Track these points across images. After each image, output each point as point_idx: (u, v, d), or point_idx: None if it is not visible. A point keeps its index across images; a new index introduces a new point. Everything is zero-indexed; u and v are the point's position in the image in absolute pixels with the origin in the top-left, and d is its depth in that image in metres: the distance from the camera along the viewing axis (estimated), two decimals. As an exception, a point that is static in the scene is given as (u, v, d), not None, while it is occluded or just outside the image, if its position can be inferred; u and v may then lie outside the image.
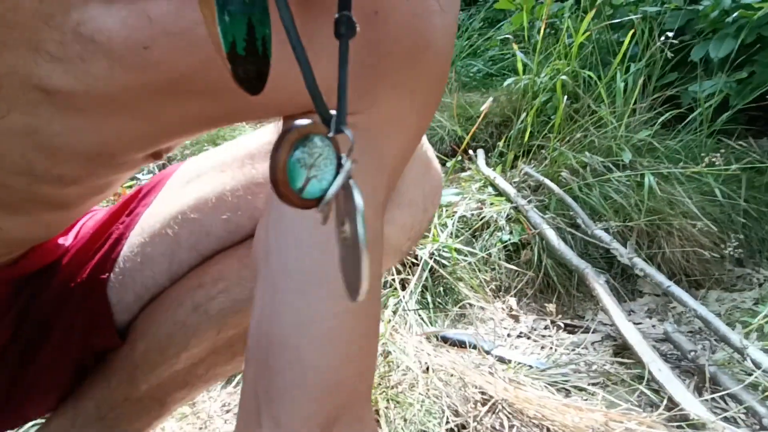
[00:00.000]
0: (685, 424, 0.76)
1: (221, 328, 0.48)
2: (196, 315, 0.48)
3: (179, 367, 0.50)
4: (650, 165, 1.47)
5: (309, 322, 0.35)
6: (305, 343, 0.35)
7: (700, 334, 1.13)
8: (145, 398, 0.52)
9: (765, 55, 1.55)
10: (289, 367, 0.35)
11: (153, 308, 0.50)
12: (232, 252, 0.49)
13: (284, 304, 0.35)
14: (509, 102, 1.91)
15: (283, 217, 0.36)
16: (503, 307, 1.28)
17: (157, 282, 0.50)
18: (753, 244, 1.41)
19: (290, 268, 0.35)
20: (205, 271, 0.49)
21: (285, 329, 0.35)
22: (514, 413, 0.78)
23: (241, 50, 0.24)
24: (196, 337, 0.48)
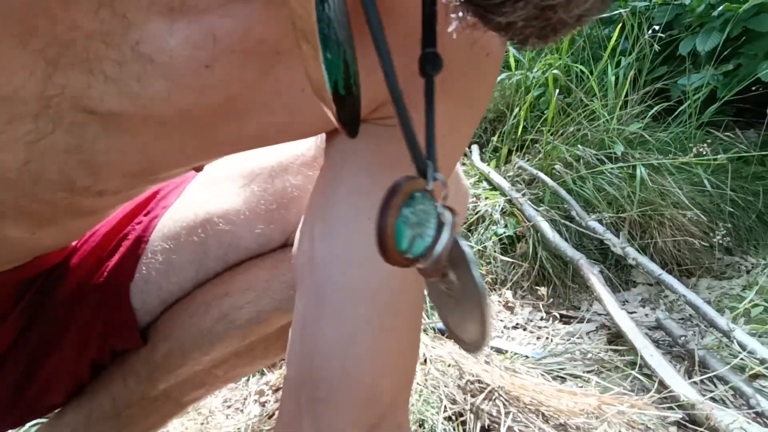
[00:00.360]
0: (675, 405, 0.79)
1: (246, 337, 0.48)
2: (223, 324, 0.48)
3: (199, 368, 0.51)
4: (642, 157, 1.50)
5: (355, 336, 0.35)
6: (350, 356, 0.35)
7: (690, 321, 1.16)
8: (161, 397, 0.53)
9: (751, 48, 1.58)
10: (333, 378, 0.35)
11: (177, 312, 0.50)
12: (260, 262, 0.49)
13: (330, 317, 0.35)
14: (502, 97, 1.93)
15: (332, 231, 0.35)
16: (499, 300, 1.31)
17: (182, 288, 0.50)
18: (741, 233, 1.44)
19: (337, 282, 0.35)
20: (233, 279, 0.49)
21: (330, 341, 0.35)
22: (510, 400, 0.81)
23: (341, 90, 0.22)
24: (221, 344, 0.48)
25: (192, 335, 0.49)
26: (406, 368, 0.39)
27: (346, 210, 0.35)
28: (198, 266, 0.49)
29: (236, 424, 0.96)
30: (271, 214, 0.48)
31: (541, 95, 1.79)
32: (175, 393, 0.53)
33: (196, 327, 0.49)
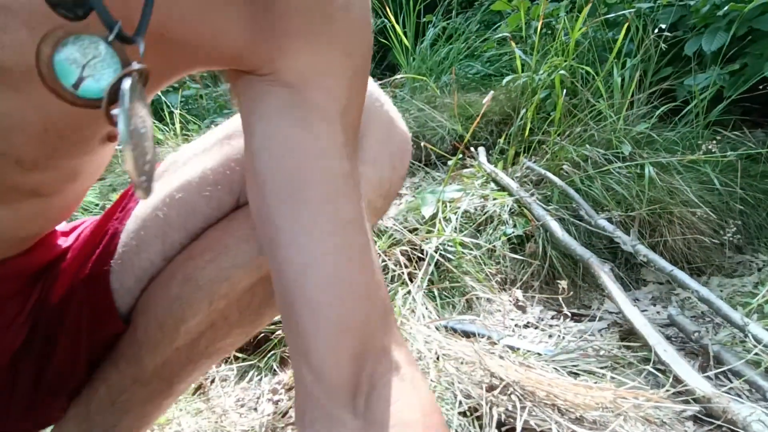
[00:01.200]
0: (692, 399, 0.78)
1: (212, 299, 0.50)
2: (188, 287, 0.50)
3: (180, 342, 0.52)
4: (649, 156, 1.50)
5: (310, 263, 0.38)
6: (310, 285, 0.37)
7: (702, 318, 1.16)
8: (153, 379, 0.54)
9: (756, 47, 1.59)
10: (303, 314, 0.37)
11: (150, 287, 0.52)
12: (217, 225, 0.52)
13: (286, 251, 0.38)
14: (508, 100, 1.95)
15: (263, 146, 0.39)
16: (510, 299, 1.31)
17: (153, 263, 0.52)
18: (751, 231, 1.44)
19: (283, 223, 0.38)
20: (194, 245, 0.51)
21: (287, 271, 0.38)
22: (525, 395, 0.81)
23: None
24: (190, 308, 0.50)
25: (163, 305, 0.51)
26: (369, 290, 0.40)
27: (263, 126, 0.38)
28: (163, 238, 0.52)
29: (250, 422, 0.96)
30: (216, 177, 0.50)
31: (547, 97, 1.80)
32: (164, 373, 0.54)
33: (166, 295, 0.51)
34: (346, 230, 0.39)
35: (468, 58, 2.61)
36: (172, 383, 0.55)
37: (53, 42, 0.27)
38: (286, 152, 0.38)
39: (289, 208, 0.38)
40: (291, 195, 0.38)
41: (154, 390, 0.55)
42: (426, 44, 2.67)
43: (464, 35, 2.68)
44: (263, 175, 0.39)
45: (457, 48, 2.59)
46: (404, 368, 0.39)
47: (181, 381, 0.56)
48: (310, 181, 0.38)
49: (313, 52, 0.38)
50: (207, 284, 0.49)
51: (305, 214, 0.38)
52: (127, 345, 0.54)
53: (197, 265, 0.50)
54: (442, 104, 2.11)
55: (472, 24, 2.80)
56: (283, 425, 0.91)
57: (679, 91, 1.74)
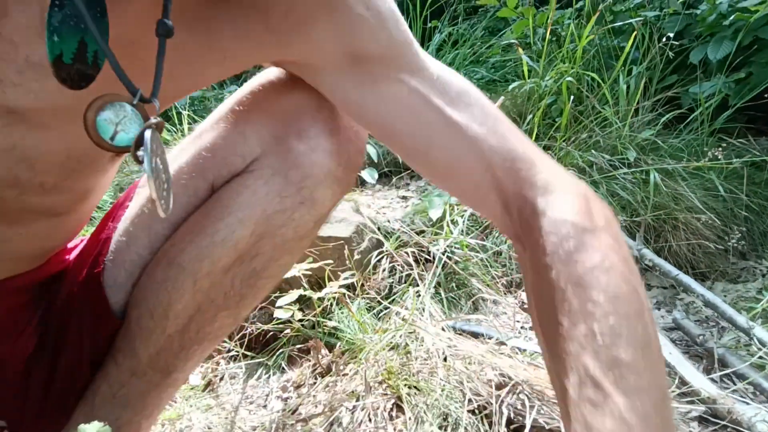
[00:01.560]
0: (697, 399, 0.79)
1: (196, 278, 0.53)
2: (172, 270, 0.53)
3: (171, 329, 0.54)
4: (654, 162, 1.52)
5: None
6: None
7: (707, 323, 1.17)
8: (148, 370, 0.56)
9: (762, 56, 1.61)
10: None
11: (140, 279, 0.56)
12: (194, 211, 0.55)
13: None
14: (514, 105, 1.96)
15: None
16: (516, 301, 1.32)
17: (141, 256, 0.56)
18: (755, 238, 1.45)
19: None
20: (175, 233, 0.55)
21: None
22: (534, 393, 0.82)
23: (68, 60, 0.36)
24: (176, 291, 0.53)
25: (152, 292, 0.54)
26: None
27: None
28: (149, 231, 0.55)
29: (260, 419, 0.97)
30: (190, 167, 0.54)
31: (553, 103, 1.82)
32: (159, 363, 0.56)
33: (153, 282, 0.54)
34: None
35: (473, 64, 2.63)
36: (168, 373, 0.57)
37: (96, 109, 0.38)
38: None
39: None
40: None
41: (151, 381, 0.57)
42: (432, 49, 2.70)
43: (470, 41, 2.71)
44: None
45: (463, 53, 2.62)
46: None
47: (177, 370, 0.58)
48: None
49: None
50: (189, 264, 0.52)
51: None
52: (123, 338, 0.56)
53: (178, 249, 0.53)
54: (449, 109, 2.13)
55: (478, 30, 2.83)
56: (293, 422, 0.92)
57: (685, 99, 1.76)
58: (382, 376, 0.91)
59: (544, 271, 0.40)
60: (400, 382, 0.90)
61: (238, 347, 1.12)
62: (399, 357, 0.95)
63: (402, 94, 0.48)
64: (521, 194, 0.45)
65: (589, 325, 0.36)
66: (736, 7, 1.61)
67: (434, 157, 0.50)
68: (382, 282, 1.19)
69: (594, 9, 1.82)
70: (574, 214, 0.41)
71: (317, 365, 1.02)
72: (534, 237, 0.42)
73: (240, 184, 0.52)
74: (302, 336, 1.10)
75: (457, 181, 0.51)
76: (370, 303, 1.15)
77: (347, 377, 0.95)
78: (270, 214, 0.51)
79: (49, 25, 0.36)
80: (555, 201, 0.43)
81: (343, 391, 0.91)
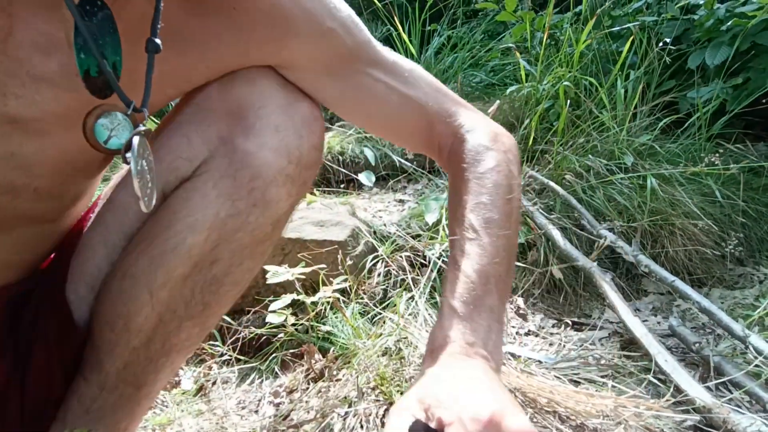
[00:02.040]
0: (692, 409, 0.79)
1: (151, 288, 0.51)
2: (126, 281, 0.52)
3: (135, 342, 0.53)
4: (652, 168, 1.51)
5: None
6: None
7: (703, 330, 1.16)
8: (119, 384, 0.54)
9: (759, 62, 1.61)
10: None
11: (100, 291, 0.55)
12: (146, 220, 0.54)
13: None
14: (512, 109, 1.96)
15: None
16: (511, 307, 1.31)
17: (100, 269, 0.55)
18: (753, 244, 1.45)
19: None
20: (129, 244, 0.54)
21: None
22: (527, 401, 0.81)
23: (94, 73, 0.43)
24: (133, 303, 0.51)
25: (110, 305, 0.53)
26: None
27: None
28: (105, 242, 0.55)
29: (251, 424, 0.96)
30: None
31: (550, 107, 1.82)
32: (128, 376, 0.55)
33: (111, 295, 0.53)
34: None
35: (472, 68, 2.63)
36: (138, 386, 0.56)
37: (95, 116, 0.45)
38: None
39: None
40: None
41: (122, 395, 0.55)
42: (431, 52, 2.70)
43: (469, 44, 2.71)
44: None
45: (462, 57, 2.62)
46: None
47: (147, 384, 0.57)
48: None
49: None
50: (143, 275, 0.51)
51: None
52: (89, 353, 0.55)
53: (132, 259, 0.52)
54: (447, 112, 2.13)
55: (477, 33, 2.83)
56: (285, 428, 0.91)
57: (682, 104, 1.76)
58: (374, 382, 0.90)
59: (460, 172, 0.57)
60: (392, 388, 0.89)
61: (231, 351, 1.11)
62: (392, 362, 0.94)
63: (370, 83, 0.59)
64: (453, 136, 0.61)
65: (477, 198, 0.55)
66: (733, 12, 1.60)
67: (393, 125, 0.64)
68: (376, 287, 1.19)
69: (592, 13, 1.82)
70: (485, 140, 0.59)
71: (310, 370, 1.01)
72: (459, 157, 0.58)
73: (189, 189, 0.51)
74: (295, 340, 1.09)
75: (409, 137, 0.66)
76: (364, 308, 1.14)
77: (340, 383, 0.94)
78: (223, 218, 0.50)
79: (75, 45, 0.42)
80: (474, 134, 0.59)
81: (335, 397, 0.91)
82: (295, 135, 0.51)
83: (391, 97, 0.60)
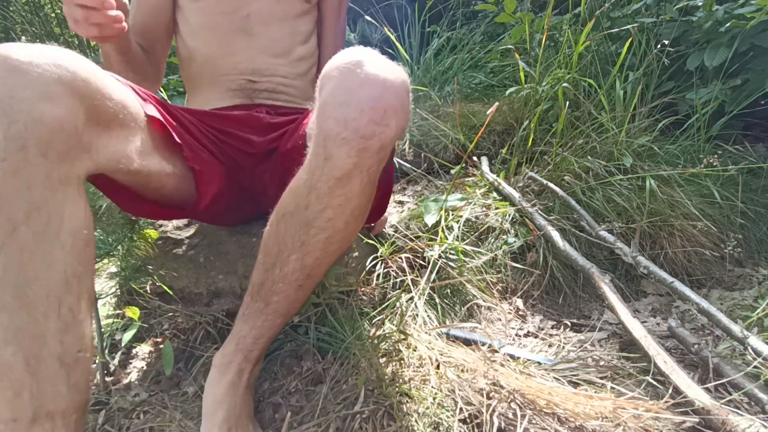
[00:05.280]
0: (691, 410, 0.79)
1: (276, 218, 0.75)
2: (273, 216, 0.77)
3: (267, 264, 0.77)
4: (651, 169, 1.51)
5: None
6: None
7: (702, 331, 1.16)
8: (257, 299, 0.80)
9: (758, 63, 1.61)
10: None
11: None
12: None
13: None
14: (511, 111, 1.96)
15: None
16: (510, 308, 1.31)
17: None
18: (751, 245, 1.45)
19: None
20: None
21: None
22: (525, 403, 0.81)
23: None
24: (268, 228, 0.78)
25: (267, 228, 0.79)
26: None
27: None
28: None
29: (250, 426, 0.96)
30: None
31: (549, 108, 1.82)
32: (262, 293, 0.79)
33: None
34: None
35: (471, 69, 2.63)
36: (267, 303, 0.79)
37: None
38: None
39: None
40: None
41: (257, 308, 0.80)
42: (430, 54, 2.70)
43: (468, 46, 2.71)
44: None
45: (461, 58, 2.62)
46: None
47: (271, 303, 0.78)
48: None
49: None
50: (276, 207, 0.76)
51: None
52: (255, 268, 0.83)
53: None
54: (446, 114, 2.13)
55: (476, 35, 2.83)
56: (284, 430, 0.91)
57: (681, 105, 1.76)
58: (374, 384, 0.90)
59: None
60: (392, 389, 0.89)
61: (230, 353, 1.11)
62: (392, 364, 0.94)
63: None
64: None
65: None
66: (732, 14, 1.61)
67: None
68: (376, 288, 1.19)
69: (591, 15, 1.82)
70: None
71: (310, 371, 1.01)
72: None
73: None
74: (295, 342, 1.09)
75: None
76: (363, 309, 1.14)
77: (339, 384, 0.94)
78: (312, 169, 0.66)
79: None
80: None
81: (335, 399, 0.90)
82: (357, 111, 0.62)
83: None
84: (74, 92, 0.57)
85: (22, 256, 0.55)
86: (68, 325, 0.59)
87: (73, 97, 0.57)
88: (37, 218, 0.55)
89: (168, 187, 0.85)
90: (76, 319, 0.60)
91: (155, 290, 1.13)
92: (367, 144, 0.63)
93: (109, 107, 0.64)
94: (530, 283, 1.35)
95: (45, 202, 0.56)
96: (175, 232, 1.28)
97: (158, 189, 0.84)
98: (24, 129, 0.53)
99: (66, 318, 0.58)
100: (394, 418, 0.84)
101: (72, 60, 0.59)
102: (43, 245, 0.56)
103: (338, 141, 0.62)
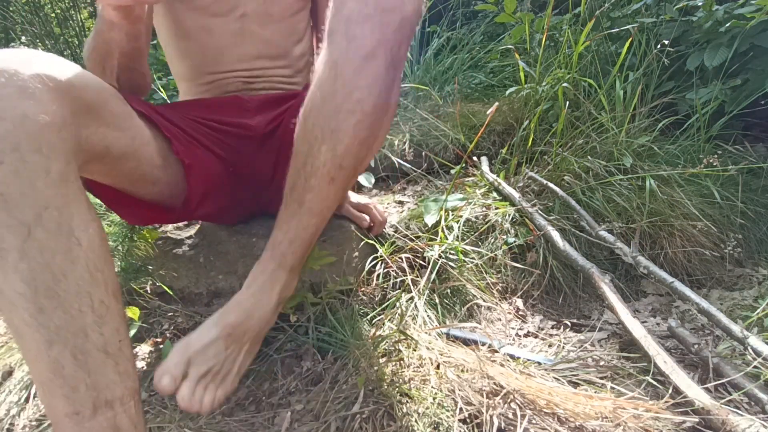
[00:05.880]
0: (691, 410, 0.79)
1: (303, 116, 0.74)
2: (300, 116, 0.76)
3: (298, 164, 0.76)
4: (651, 169, 1.51)
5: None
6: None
7: (702, 331, 1.16)
8: (290, 202, 0.79)
9: (758, 63, 1.61)
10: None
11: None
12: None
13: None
14: (511, 111, 1.96)
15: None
16: (510, 308, 1.31)
17: None
18: (751, 245, 1.45)
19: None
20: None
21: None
22: (525, 403, 0.81)
23: None
24: (298, 125, 0.76)
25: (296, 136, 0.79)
26: None
27: None
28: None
29: (250, 427, 0.96)
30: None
31: (549, 108, 1.82)
32: (295, 195, 0.78)
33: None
34: None
35: (471, 69, 2.63)
36: (300, 203, 0.77)
37: None
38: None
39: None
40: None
41: (291, 211, 0.78)
42: (430, 54, 2.70)
43: (468, 46, 2.71)
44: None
45: (461, 58, 2.62)
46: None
47: (305, 202, 0.77)
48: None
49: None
50: (302, 109, 0.76)
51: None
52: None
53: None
54: (446, 114, 2.13)
55: (476, 35, 2.83)
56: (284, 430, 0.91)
57: (681, 105, 1.76)
58: (373, 384, 0.90)
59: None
60: (391, 390, 0.89)
61: (230, 353, 1.11)
62: (392, 364, 0.94)
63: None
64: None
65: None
66: (732, 14, 1.61)
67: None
68: (376, 288, 1.19)
69: (591, 15, 1.82)
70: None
71: (310, 371, 1.01)
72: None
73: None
74: (295, 342, 1.09)
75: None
76: (363, 309, 1.14)
77: (339, 384, 0.94)
78: (335, 58, 0.67)
79: None
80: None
81: (335, 399, 0.90)
82: (378, 23, 0.65)
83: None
84: (55, 86, 0.59)
85: (45, 257, 0.55)
86: (103, 317, 0.60)
87: (53, 91, 0.58)
88: (47, 218, 0.55)
89: (163, 181, 0.86)
90: (109, 310, 0.61)
91: (155, 290, 1.13)
92: (389, 18, 0.64)
93: (91, 97, 0.66)
94: (530, 283, 1.35)
95: (51, 200, 0.56)
96: (175, 232, 1.28)
97: (154, 184, 0.85)
98: (12, 127, 0.53)
99: (100, 311, 0.59)
100: (394, 418, 0.84)
101: (44, 56, 0.60)
102: (60, 243, 0.56)
103: (360, 18, 0.64)
